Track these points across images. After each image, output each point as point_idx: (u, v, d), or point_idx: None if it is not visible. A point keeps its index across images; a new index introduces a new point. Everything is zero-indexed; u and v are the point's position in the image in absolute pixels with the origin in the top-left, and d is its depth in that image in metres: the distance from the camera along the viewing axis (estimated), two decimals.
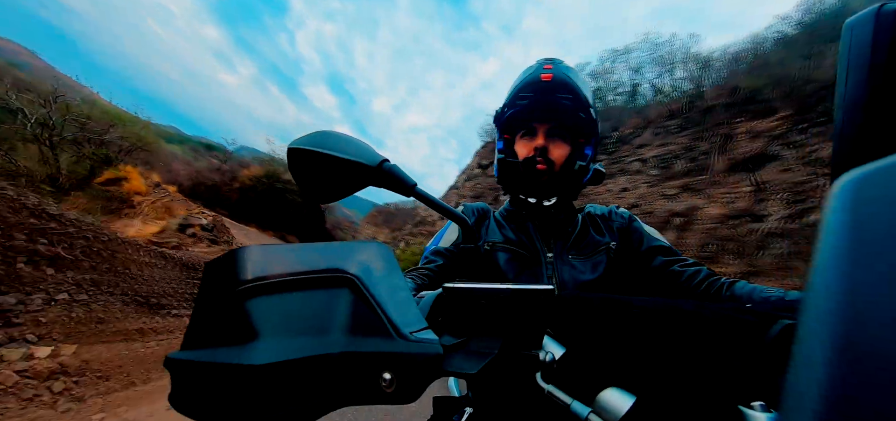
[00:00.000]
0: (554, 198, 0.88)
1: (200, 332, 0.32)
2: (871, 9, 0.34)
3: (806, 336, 0.17)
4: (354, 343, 0.30)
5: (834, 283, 0.17)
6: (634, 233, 0.90)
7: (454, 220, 0.55)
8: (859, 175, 0.19)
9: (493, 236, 0.90)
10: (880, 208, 0.18)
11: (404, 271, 0.79)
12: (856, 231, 0.18)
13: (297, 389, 0.29)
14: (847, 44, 0.35)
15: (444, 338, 0.36)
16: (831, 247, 0.18)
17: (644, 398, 0.33)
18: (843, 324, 0.16)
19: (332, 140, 0.48)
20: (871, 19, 0.34)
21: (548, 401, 0.35)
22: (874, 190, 0.18)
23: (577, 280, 0.82)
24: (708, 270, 0.78)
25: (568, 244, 0.88)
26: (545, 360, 0.35)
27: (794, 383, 0.17)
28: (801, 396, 0.16)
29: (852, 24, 0.35)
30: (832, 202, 0.20)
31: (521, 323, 0.35)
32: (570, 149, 0.88)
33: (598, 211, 0.97)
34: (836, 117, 0.35)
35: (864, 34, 0.34)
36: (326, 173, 0.48)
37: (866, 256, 0.17)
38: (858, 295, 0.16)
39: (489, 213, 0.97)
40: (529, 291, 0.35)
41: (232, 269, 0.32)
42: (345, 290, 0.32)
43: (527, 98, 0.86)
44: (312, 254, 0.34)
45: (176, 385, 0.32)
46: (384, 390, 0.29)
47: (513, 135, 0.92)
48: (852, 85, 0.34)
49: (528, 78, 0.87)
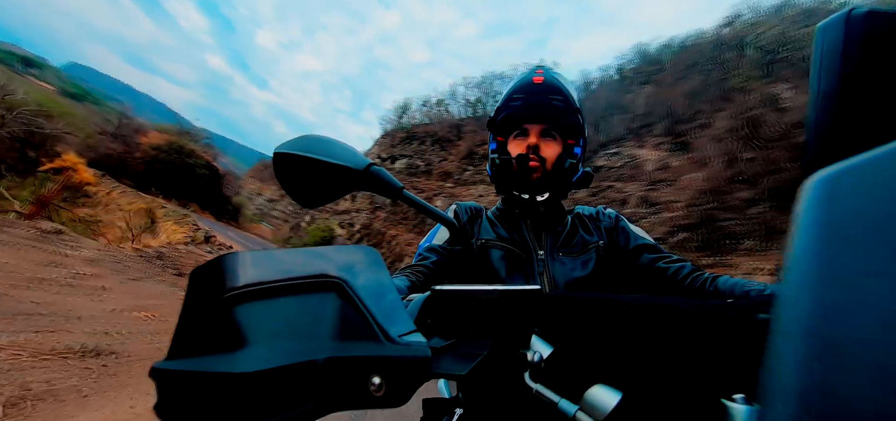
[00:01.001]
0: (546, 193, 0.92)
1: (186, 340, 0.32)
2: (842, 13, 0.36)
3: (781, 330, 0.18)
4: (342, 348, 0.30)
5: (807, 277, 0.18)
6: (621, 232, 0.94)
7: (442, 222, 0.56)
8: (831, 173, 0.20)
9: (486, 234, 0.93)
10: (851, 204, 0.18)
11: (399, 270, 0.79)
12: (828, 227, 0.18)
13: (286, 396, 0.29)
14: (819, 47, 0.37)
15: (433, 340, 0.36)
16: (804, 242, 0.19)
17: (630, 394, 0.34)
18: (817, 318, 0.16)
19: (319, 144, 0.47)
20: (842, 23, 0.35)
21: (536, 400, 0.35)
22: (845, 187, 0.19)
23: (568, 278, 0.85)
24: (692, 265, 0.81)
25: (559, 243, 0.90)
26: (533, 359, 0.35)
27: (772, 376, 0.17)
28: (780, 389, 0.17)
29: (824, 28, 0.37)
30: (805, 199, 0.20)
31: (510, 323, 0.35)
32: (560, 148, 0.92)
33: (587, 212, 1.00)
34: (809, 117, 0.36)
35: (835, 37, 0.35)
36: (312, 178, 0.47)
37: (838, 251, 0.17)
38: (831, 289, 0.17)
39: (482, 211, 1.00)
40: (517, 292, 0.35)
41: (218, 275, 0.31)
42: (332, 294, 0.32)
43: (519, 100, 0.91)
44: (299, 259, 0.33)
45: (162, 395, 0.31)
46: (373, 395, 0.29)
47: (506, 137, 0.97)
48: (824, 86, 0.35)
49: (520, 82, 0.92)
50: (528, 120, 0.91)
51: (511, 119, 0.93)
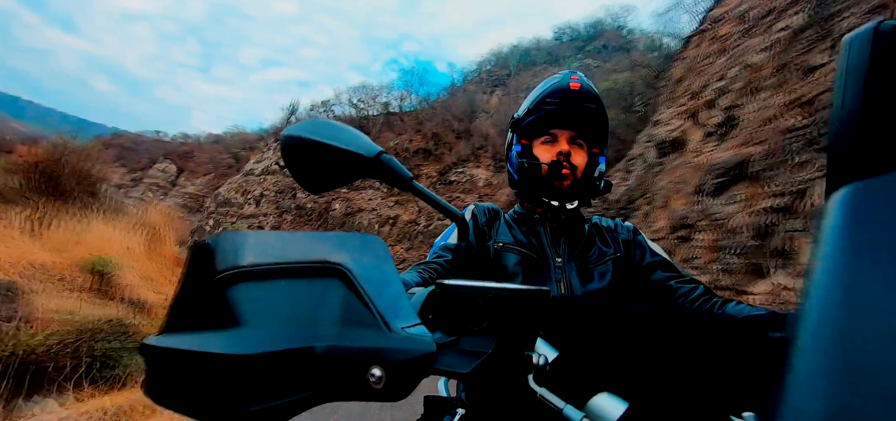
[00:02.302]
0: (575, 202, 0.91)
1: (182, 317, 0.31)
2: (870, 25, 0.35)
3: (803, 351, 0.17)
4: (343, 336, 0.29)
5: (831, 296, 0.17)
6: (638, 247, 0.93)
7: (451, 217, 0.55)
8: (855, 189, 0.19)
9: (503, 237, 0.92)
10: (876, 222, 0.17)
11: (412, 265, 0.79)
12: (852, 244, 0.18)
13: (282, 382, 0.28)
14: (845, 60, 0.36)
15: (436, 335, 0.36)
16: (828, 260, 0.18)
17: (636, 405, 0.33)
18: (841, 338, 0.16)
19: (328, 129, 0.47)
20: (870, 36, 0.34)
21: (540, 404, 0.35)
22: (870, 204, 0.18)
23: (586, 287, 0.85)
24: (704, 287, 0.81)
25: (576, 252, 0.90)
26: (538, 362, 0.35)
27: (787, 397, 0.17)
28: (794, 412, 0.16)
29: (851, 41, 0.36)
30: (828, 216, 0.20)
31: (515, 324, 0.35)
32: (587, 157, 0.92)
33: (605, 223, 1.00)
34: (831, 132, 0.35)
35: (862, 51, 0.34)
36: (321, 163, 0.47)
37: (863, 270, 0.17)
38: (856, 309, 0.16)
39: (500, 214, 0.99)
40: (525, 292, 0.35)
41: (220, 252, 0.31)
42: (335, 281, 0.31)
43: (553, 104, 0.89)
44: (303, 243, 0.33)
45: (152, 373, 0.31)
46: (373, 386, 0.28)
47: (530, 140, 0.95)
48: (848, 100, 0.34)
49: (555, 86, 0.90)
50: (559, 125, 0.90)
51: (540, 122, 0.91)
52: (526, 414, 0.37)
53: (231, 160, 29.58)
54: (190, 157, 33.02)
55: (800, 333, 0.18)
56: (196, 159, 32.35)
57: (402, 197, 18.88)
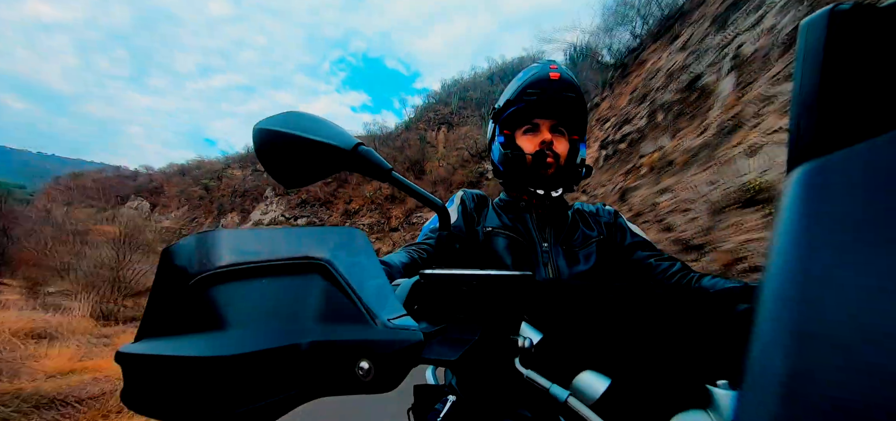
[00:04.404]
0: (560, 189, 0.93)
1: (158, 323, 0.30)
2: (826, 9, 0.36)
3: (764, 319, 0.18)
4: (328, 331, 0.29)
5: (790, 268, 0.18)
6: (619, 229, 0.97)
7: (431, 206, 0.55)
8: (813, 166, 0.20)
9: (492, 222, 0.94)
10: (834, 197, 0.19)
11: (403, 246, 0.78)
12: (810, 219, 0.19)
13: (265, 382, 0.27)
14: (802, 43, 0.37)
15: (422, 325, 0.36)
16: (787, 234, 0.19)
17: (619, 380, 0.34)
18: (800, 308, 0.17)
19: (303, 121, 0.45)
20: (825, 19, 0.36)
21: (527, 386, 0.36)
22: (827, 180, 0.19)
23: (573, 269, 0.88)
24: (682, 264, 0.85)
25: (562, 236, 0.93)
26: (523, 345, 0.36)
27: (754, 363, 0.18)
28: (761, 375, 0.17)
29: (808, 24, 0.37)
30: (788, 192, 0.21)
31: (500, 309, 0.36)
32: (569, 144, 0.94)
33: (587, 208, 1.03)
34: (792, 112, 0.37)
35: (818, 33, 0.36)
36: (296, 156, 0.45)
37: (821, 243, 0.18)
38: (813, 280, 0.17)
39: (488, 200, 1.01)
40: (508, 278, 0.35)
41: (194, 254, 0.30)
42: (316, 276, 0.31)
43: (535, 94, 0.90)
44: (282, 239, 0.32)
45: (129, 381, 0.30)
46: (361, 379, 0.28)
47: (512, 131, 0.97)
48: (806, 81, 0.36)
49: (535, 76, 0.91)
50: (540, 114, 0.92)
51: (521, 113, 0.93)
52: (514, 396, 0.38)
53: (202, 191, 29.66)
54: (160, 191, 33.03)
55: (762, 303, 0.19)
56: (167, 193, 32.47)
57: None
